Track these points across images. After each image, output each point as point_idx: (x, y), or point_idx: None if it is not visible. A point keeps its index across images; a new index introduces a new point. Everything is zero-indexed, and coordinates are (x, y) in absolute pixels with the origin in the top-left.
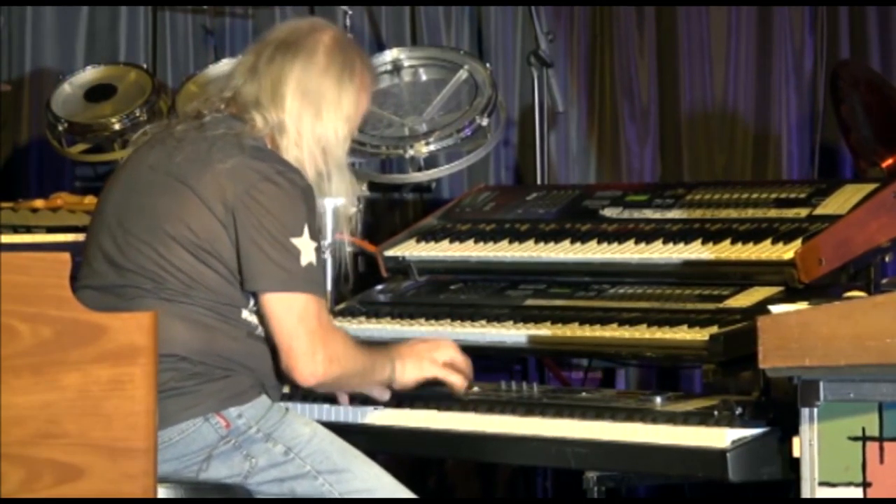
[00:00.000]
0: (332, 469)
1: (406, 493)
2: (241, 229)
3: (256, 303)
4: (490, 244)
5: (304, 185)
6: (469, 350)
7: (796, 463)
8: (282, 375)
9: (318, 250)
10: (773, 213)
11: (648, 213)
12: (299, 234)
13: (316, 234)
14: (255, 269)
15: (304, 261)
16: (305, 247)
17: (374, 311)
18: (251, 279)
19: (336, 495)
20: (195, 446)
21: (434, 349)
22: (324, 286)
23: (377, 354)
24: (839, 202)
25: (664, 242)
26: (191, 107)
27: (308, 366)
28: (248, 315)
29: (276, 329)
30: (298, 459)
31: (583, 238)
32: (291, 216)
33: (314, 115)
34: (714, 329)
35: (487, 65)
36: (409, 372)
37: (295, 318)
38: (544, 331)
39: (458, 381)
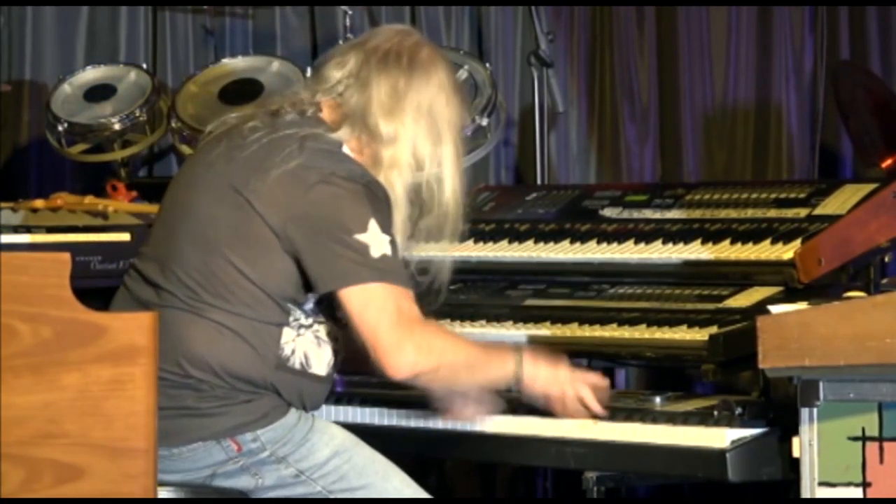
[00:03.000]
0: (345, 489)
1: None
2: (301, 239)
3: (308, 310)
4: (490, 244)
5: (365, 181)
6: None
7: (796, 463)
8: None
9: (394, 243)
10: (772, 213)
11: (648, 214)
12: (362, 230)
13: (388, 228)
14: (323, 270)
15: (375, 253)
16: (375, 240)
17: None
18: (321, 282)
19: None
20: (200, 463)
21: (573, 370)
22: (406, 277)
23: (494, 349)
24: (839, 202)
25: (664, 242)
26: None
27: (397, 357)
28: (287, 337)
29: (358, 325)
30: (310, 482)
31: (582, 238)
32: (350, 215)
33: (431, 132)
34: (714, 329)
35: (487, 65)
36: (543, 373)
37: (374, 309)
38: (544, 331)
39: (598, 408)
